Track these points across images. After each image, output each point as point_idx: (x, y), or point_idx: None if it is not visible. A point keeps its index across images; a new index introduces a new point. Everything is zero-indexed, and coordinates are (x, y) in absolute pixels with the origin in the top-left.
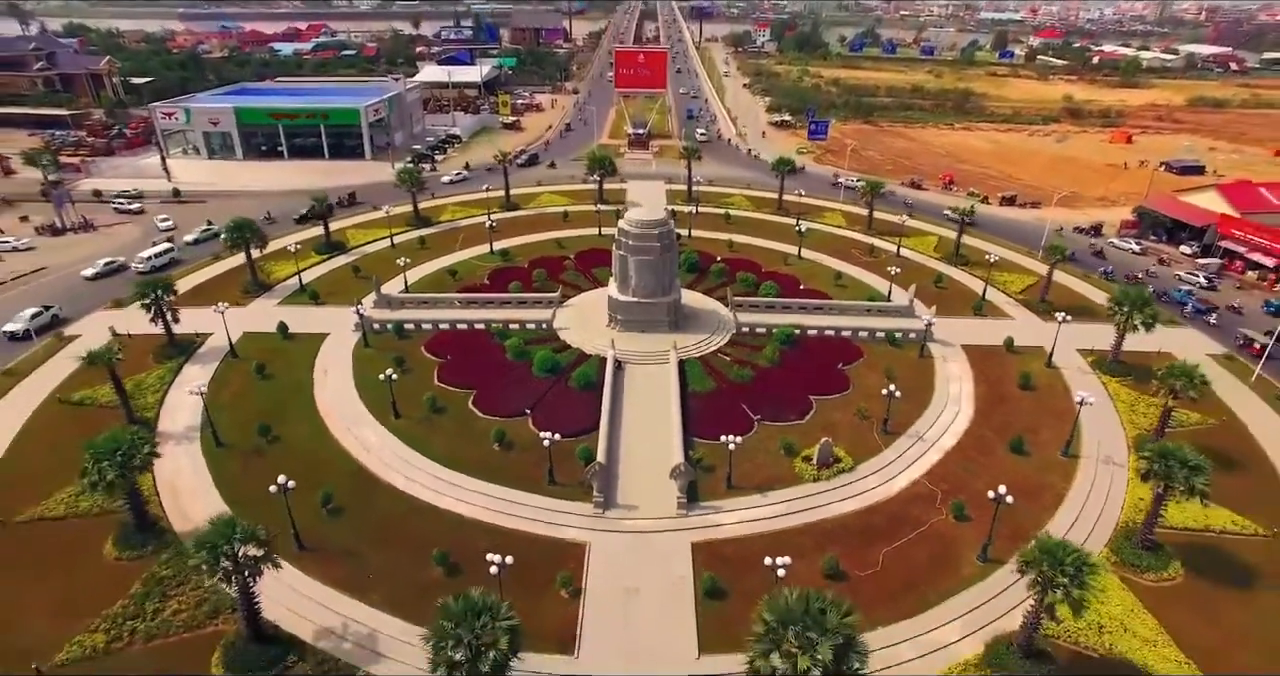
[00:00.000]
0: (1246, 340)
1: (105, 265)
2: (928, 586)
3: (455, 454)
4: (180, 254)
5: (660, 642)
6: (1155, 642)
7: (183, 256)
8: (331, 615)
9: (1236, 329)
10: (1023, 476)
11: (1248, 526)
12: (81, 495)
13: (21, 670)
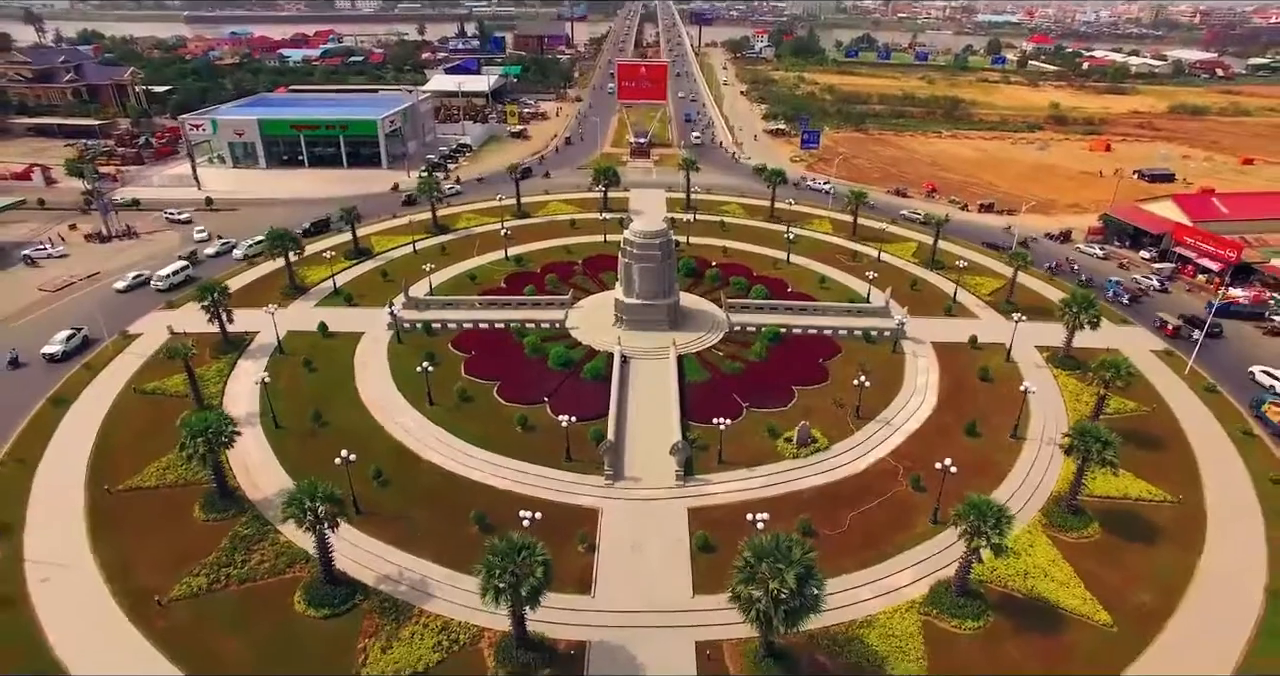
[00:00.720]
0: (1162, 322)
1: (134, 278)
2: (886, 543)
3: (484, 435)
4: (195, 272)
5: (661, 586)
6: (1068, 584)
7: (198, 273)
8: (388, 565)
9: (1155, 313)
10: (975, 455)
11: (1159, 494)
12: (168, 469)
13: (146, 603)
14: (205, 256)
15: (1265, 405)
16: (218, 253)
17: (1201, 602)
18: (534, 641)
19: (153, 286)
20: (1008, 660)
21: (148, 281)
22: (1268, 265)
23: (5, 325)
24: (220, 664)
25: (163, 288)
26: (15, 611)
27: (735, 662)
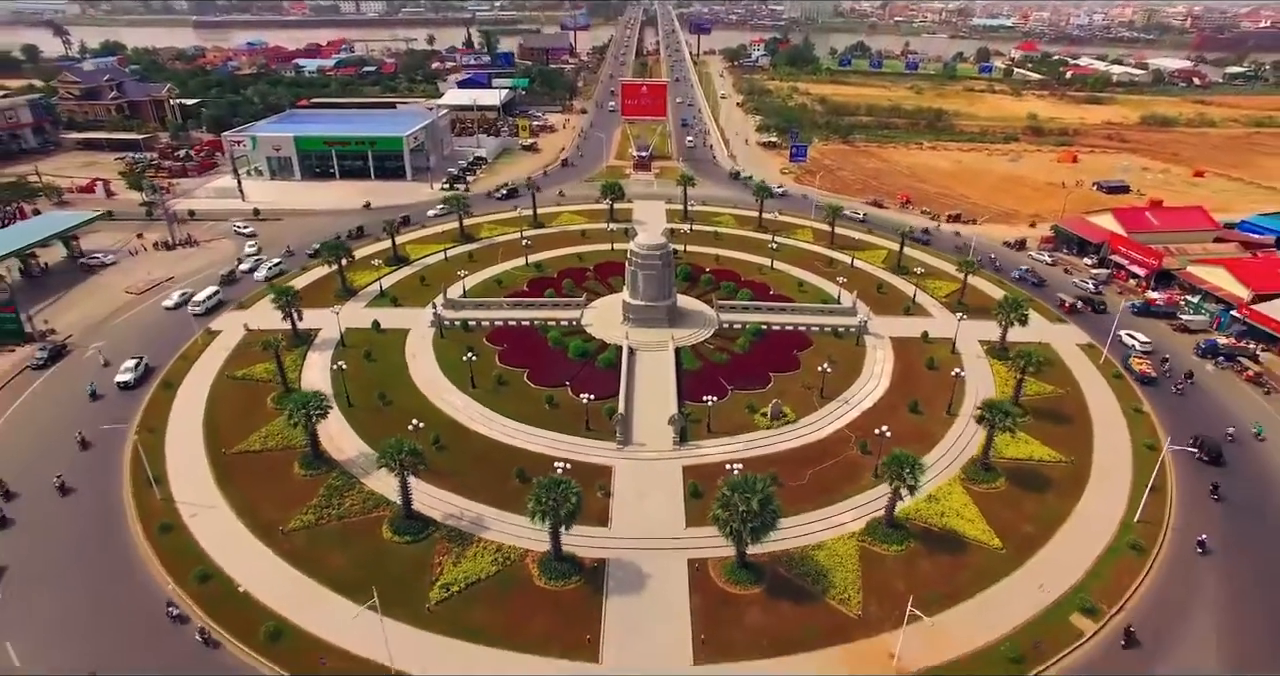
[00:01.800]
0: (1061, 300)
1: (180, 296)
2: (836, 492)
3: (518, 411)
4: (225, 295)
5: (661, 521)
6: (974, 521)
7: (227, 296)
8: (452, 507)
9: (1056, 294)
10: (915, 427)
11: (1056, 456)
12: (268, 436)
13: (271, 532)
14: (242, 273)
15: (1130, 358)
16: (251, 268)
17: (1070, 533)
18: (567, 558)
19: (190, 310)
20: (920, 572)
21: (189, 300)
22: (1184, 272)
23: (108, 324)
24: (331, 571)
25: (199, 312)
26: (180, 535)
27: (717, 574)
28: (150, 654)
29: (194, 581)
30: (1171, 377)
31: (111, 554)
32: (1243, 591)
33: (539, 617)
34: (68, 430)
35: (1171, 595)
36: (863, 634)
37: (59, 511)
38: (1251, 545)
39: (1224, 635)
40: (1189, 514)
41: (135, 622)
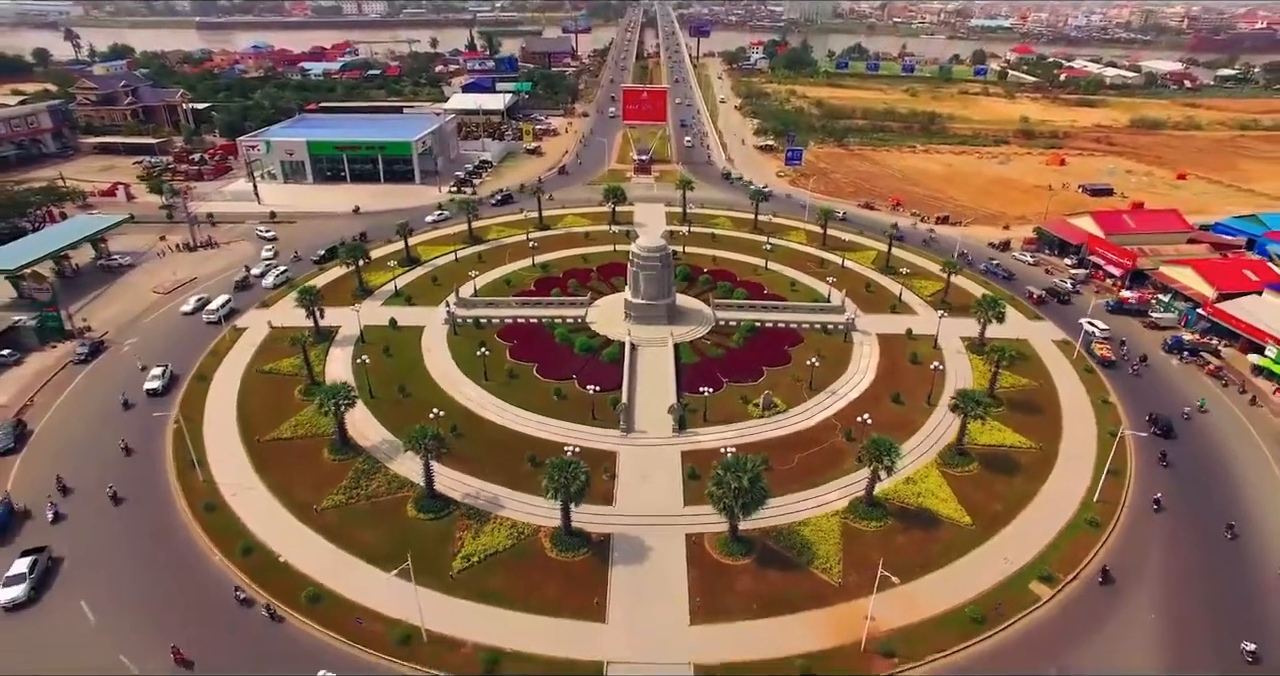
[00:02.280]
0: (1030, 293)
1: (196, 302)
2: (821, 475)
3: (529, 402)
4: (237, 303)
5: (662, 500)
6: (947, 501)
7: (240, 304)
8: (470, 488)
9: (1025, 287)
10: (897, 416)
11: (1027, 443)
12: (298, 425)
13: (306, 510)
14: (255, 278)
15: (1093, 344)
16: (261, 273)
17: (1035, 511)
18: (576, 532)
19: (204, 318)
20: (894, 545)
21: (205, 306)
22: (1156, 271)
23: (139, 321)
24: (362, 544)
25: (213, 320)
26: (224, 513)
27: (712, 547)
28: (217, 629)
29: (239, 554)
30: (1129, 360)
31: (164, 530)
32: (1189, 537)
33: (551, 584)
34: (111, 419)
35: (1135, 545)
36: (842, 599)
37: (114, 491)
38: (1196, 501)
39: (1177, 572)
40: (1145, 490)
41: (193, 596)
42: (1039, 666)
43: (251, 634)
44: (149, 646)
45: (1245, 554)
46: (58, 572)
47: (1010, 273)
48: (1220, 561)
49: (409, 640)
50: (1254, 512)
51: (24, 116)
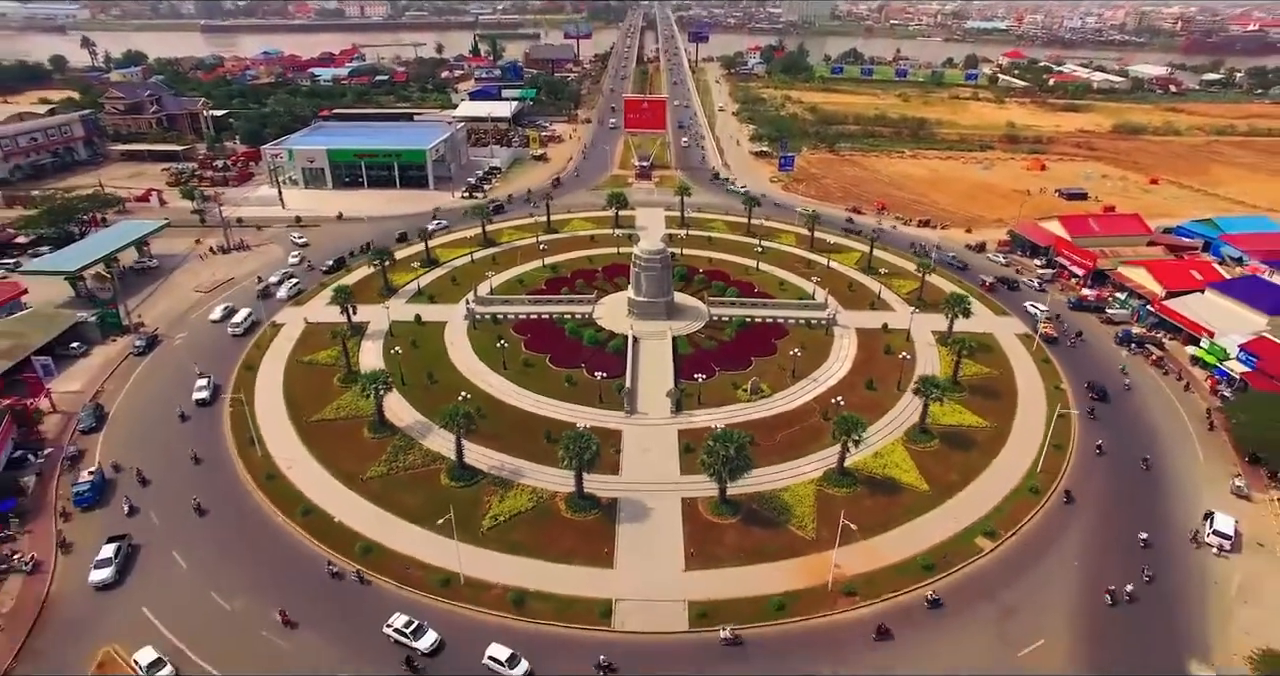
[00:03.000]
0: (982, 281)
1: (223, 311)
2: (800, 450)
3: (543, 388)
4: (257, 316)
5: (661, 470)
6: (909, 472)
7: (258, 317)
8: (494, 460)
9: (979, 276)
10: (870, 400)
11: (983, 423)
12: (340, 408)
13: (353, 479)
14: (273, 287)
15: (1040, 324)
16: (280, 281)
17: (985, 480)
18: (587, 496)
19: (229, 332)
20: (861, 507)
21: (232, 315)
22: (1114, 271)
23: (185, 317)
24: (404, 507)
25: (239, 333)
26: (281, 482)
27: (704, 509)
28: (279, 574)
29: (299, 515)
30: (1068, 335)
31: (233, 496)
32: (1116, 469)
33: (566, 538)
34: (172, 401)
35: (1085, 480)
36: (814, 550)
37: (185, 467)
38: (1126, 449)
39: (1104, 492)
40: (1083, 464)
41: (264, 549)
42: (975, 602)
43: (314, 583)
44: (233, 586)
45: (1152, 478)
46: (137, 557)
47: (965, 264)
48: (1134, 484)
49: (449, 583)
50: (1167, 456)
51: (59, 126)
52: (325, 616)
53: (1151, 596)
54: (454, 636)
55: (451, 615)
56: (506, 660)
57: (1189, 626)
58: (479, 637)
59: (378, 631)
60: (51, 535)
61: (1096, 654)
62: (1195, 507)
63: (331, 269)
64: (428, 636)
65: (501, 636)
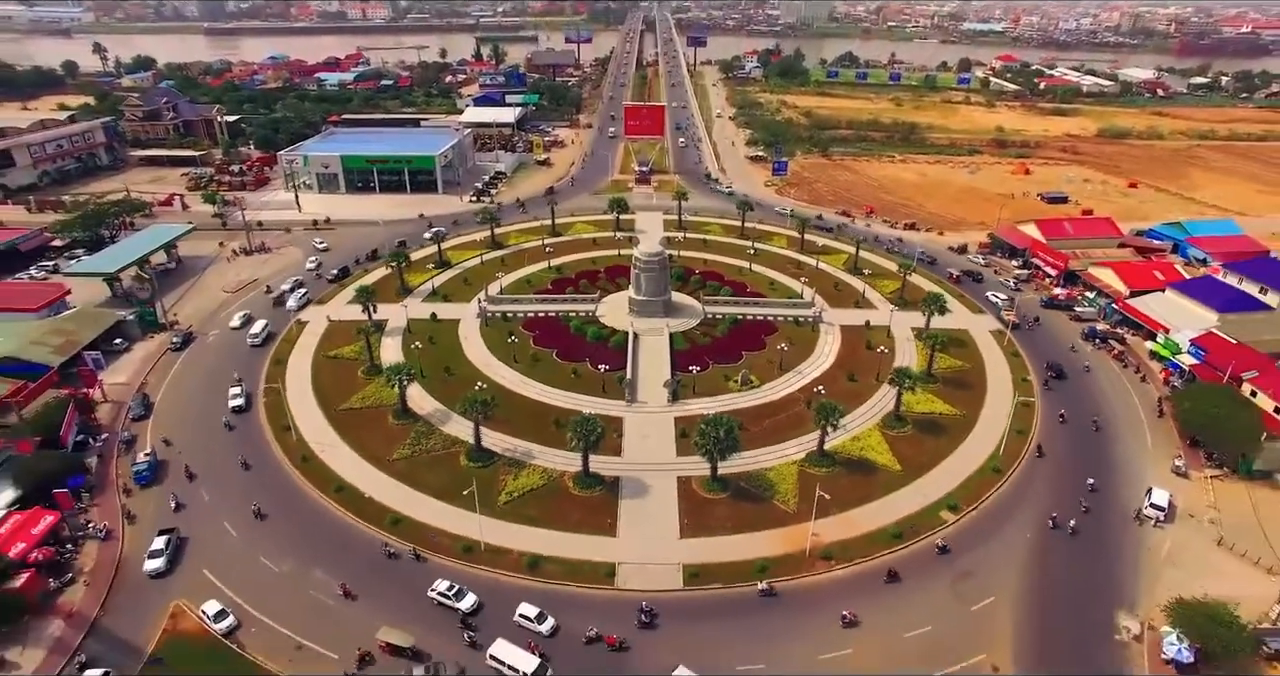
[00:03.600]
0: (950, 274)
1: (242, 318)
2: (785, 434)
3: (550, 379)
4: (273, 327)
5: (658, 452)
6: (884, 454)
7: (274, 328)
8: (509, 444)
9: (946, 268)
10: (851, 390)
11: (953, 411)
12: (365, 398)
13: (381, 460)
14: (286, 294)
15: (1001, 311)
16: (291, 289)
17: (952, 461)
18: (592, 475)
19: (248, 342)
20: (838, 484)
21: (249, 322)
22: (1084, 272)
23: (216, 315)
24: (429, 485)
25: (257, 344)
26: (316, 463)
27: (697, 486)
28: (315, 539)
29: (333, 492)
30: (1026, 320)
31: (273, 475)
32: (1079, 430)
33: (574, 511)
34: (214, 392)
35: (1026, 481)
36: (795, 521)
37: (226, 449)
38: (1083, 415)
39: (1060, 452)
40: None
41: (306, 519)
42: (937, 566)
43: (360, 554)
44: (280, 552)
45: (1101, 438)
46: (185, 549)
47: (934, 258)
48: (1085, 442)
49: (471, 550)
50: (1119, 440)
51: (82, 133)
52: (372, 583)
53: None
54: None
55: (476, 577)
56: (535, 617)
57: (1122, 586)
58: (503, 599)
59: (419, 595)
60: (117, 508)
61: (1038, 596)
62: (1140, 483)
63: (337, 277)
64: (468, 598)
65: (522, 595)
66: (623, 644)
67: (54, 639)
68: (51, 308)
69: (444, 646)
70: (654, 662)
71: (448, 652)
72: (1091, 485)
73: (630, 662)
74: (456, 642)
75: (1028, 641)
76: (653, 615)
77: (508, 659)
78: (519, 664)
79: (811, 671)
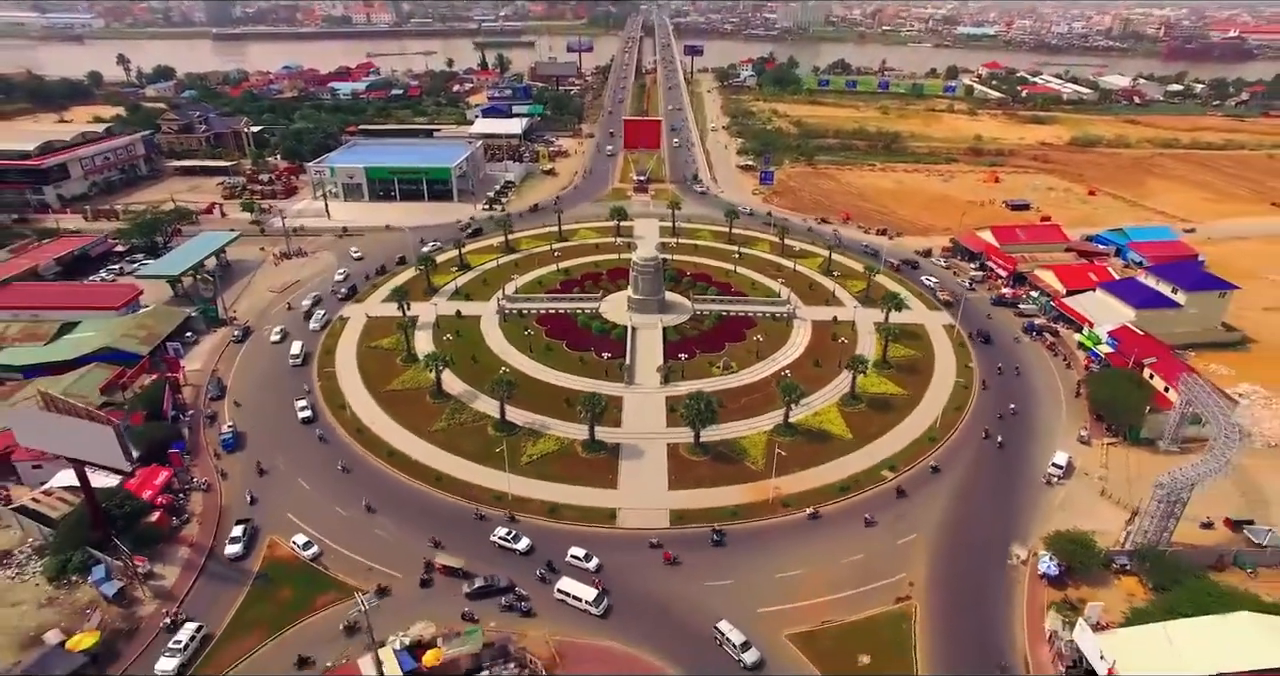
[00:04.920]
0: (891, 263)
1: (279, 332)
2: (758, 410)
3: (561, 365)
4: (309, 347)
5: (652, 424)
6: (838, 425)
7: (309, 347)
8: (528, 418)
9: (885, 259)
10: (815, 375)
11: (901, 392)
12: (405, 381)
13: (422, 430)
14: (306, 308)
15: (938, 293)
16: (311, 306)
17: (897, 432)
18: (597, 442)
19: (289, 362)
20: (800, 450)
21: (285, 337)
22: (1031, 274)
23: (268, 312)
24: (464, 450)
25: (298, 364)
26: (369, 433)
27: (684, 451)
28: (382, 493)
29: (385, 455)
30: (957, 297)
31: (334, 444)
32: (1006, 407)
33: (583, 470)
34: (277, 378)
35: (958, 449)
36: (761, 478)
37: (295, 426)
38: (1013, 397)
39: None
40: (976, 418)
41: (367, 479)
42: (877, 509)
43: (407, 499)
44: (345, 501)
45: (1024, 415)
46: (259, 538)
47: (876, 250)
48: (1009, 418)
49: (501, 498)
50: (1038, 416)
51: (125, 146)
52: (424, 524)
53: (1003, 484)
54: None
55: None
56: (584, 557)
57: (1020, 526)
58: (537, 539)
59: (471, 536)
60: (212, 468)
61: (952, 533)
62: (1051, 448)
63: (346, 296)
64: (523, 541)
65: (545, 532)
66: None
67: (183, 560)
68: (129, 306)
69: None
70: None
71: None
72: (1014, 411)
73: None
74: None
75: (940, 565)
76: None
77: (572, 591)
78: (581, 594)
79: (765, 585)
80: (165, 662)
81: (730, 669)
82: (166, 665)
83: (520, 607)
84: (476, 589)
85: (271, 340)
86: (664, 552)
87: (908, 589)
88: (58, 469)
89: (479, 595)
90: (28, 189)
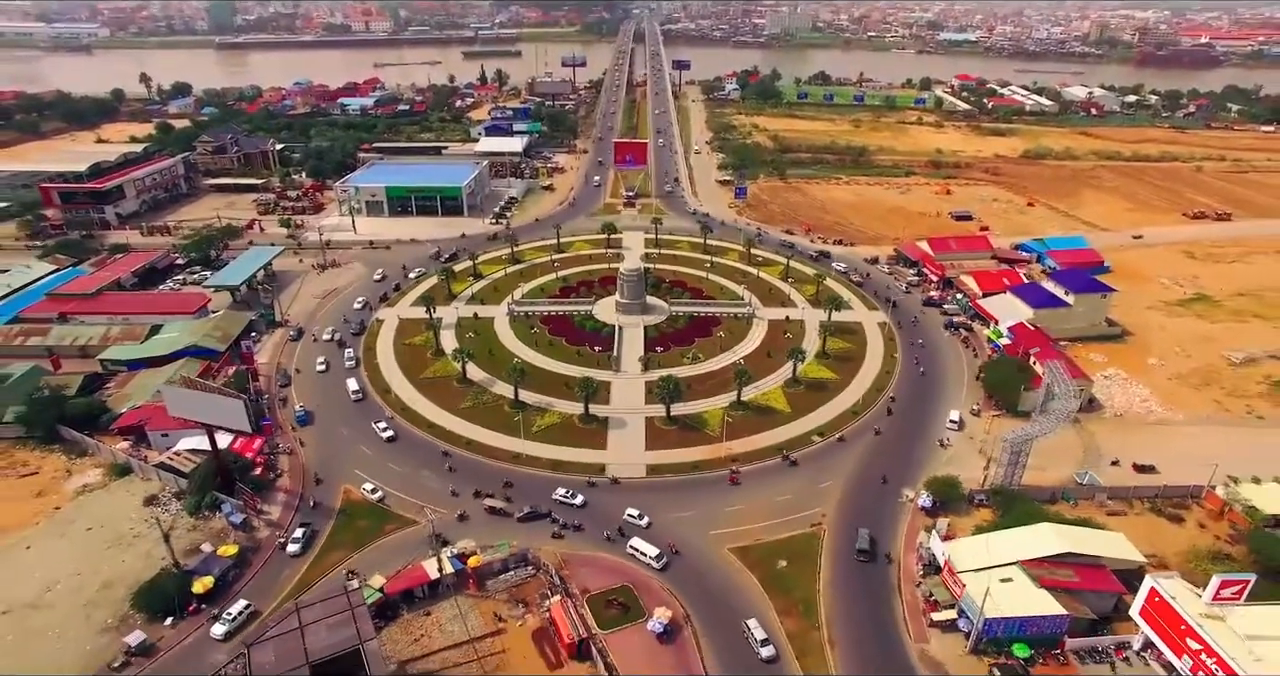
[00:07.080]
0: (811, 254)
1: (330, 332)
2: (717, 393)
3: (562, 357)
4: (326, 358)
5: (634, 402)
6: (780, 402)
7: (328, 360)
8: (537, 399)
9: (806, 252)
10: (767, 364)
11: (836, 377)
12: (436, 371)
13: (453, 408)
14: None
15: (848, 273)
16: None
17: (828, 407)
18: (591, 416)
19: (345, 364)
20: (748, 422)
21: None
22: (957, 279)
23: (316, 315)
24: (486, 422)
25: (352, 365)
26: (410, 410)
27: (660, 423)
28: (433, 464)
29: (425, 428)
30: (869, 278)
31: (382, 418)
32: (917, 389)
33: (580, 436)
34: (330, 370)
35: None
36: (716, 441)
37: (349, 404)
38: (923, 382)
39: (912, 401)
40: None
41: (417, 448)
42: (804, 465)
43: (452, 463)
44: (400, 461)
45: (930, 395)
46: (315, 539)
47: (793, 244)
48: (918, 397)
49: (518, 458)
50: (944, 395)
51: (169, 167)
52: (464, 478)
53: (904, 445)
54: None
55: (518, 472)
56: (639, 515)
57: (914, 476)
58: (536, 487)
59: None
60: (292, 437)
61: (860, 481)
62: (946, 417)
63: (358, 332)
64: (579, 497)
65: (563, 481)
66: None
67: (282, 502)
68: (201, 311)
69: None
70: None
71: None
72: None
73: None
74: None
75: (847, 502)
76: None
77: (640, 547)
78: (647, 550)
79: (716, 516)
80: (217, 628)
81: (749, 660)
82: (218, 630)
83: (561, 532)
84: (526, 513)
85: (324, 338)
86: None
87: (821, 519)
88: (179, 437)
89: (528, 518)
90: (90, 208)
